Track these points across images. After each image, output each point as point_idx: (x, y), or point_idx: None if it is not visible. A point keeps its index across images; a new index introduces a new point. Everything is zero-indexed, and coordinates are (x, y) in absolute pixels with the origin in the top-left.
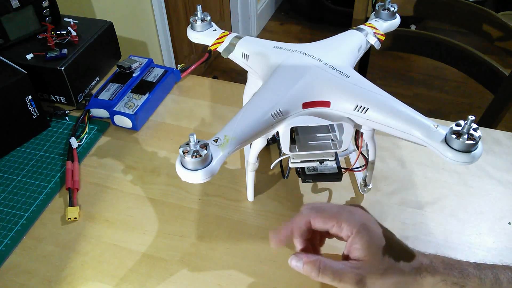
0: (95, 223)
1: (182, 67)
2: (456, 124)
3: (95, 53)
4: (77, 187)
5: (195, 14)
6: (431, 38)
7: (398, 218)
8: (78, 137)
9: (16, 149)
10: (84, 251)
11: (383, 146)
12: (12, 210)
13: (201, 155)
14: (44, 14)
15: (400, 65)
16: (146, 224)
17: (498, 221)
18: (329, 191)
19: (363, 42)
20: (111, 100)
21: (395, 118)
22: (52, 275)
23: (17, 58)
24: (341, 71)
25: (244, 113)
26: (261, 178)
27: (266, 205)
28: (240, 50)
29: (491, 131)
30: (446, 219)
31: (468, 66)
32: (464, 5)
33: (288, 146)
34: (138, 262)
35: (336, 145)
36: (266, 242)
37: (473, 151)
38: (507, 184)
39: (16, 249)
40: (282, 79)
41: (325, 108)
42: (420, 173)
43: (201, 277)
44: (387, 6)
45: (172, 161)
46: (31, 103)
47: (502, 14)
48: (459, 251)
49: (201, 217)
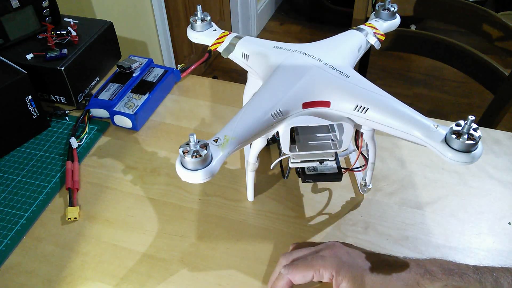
0: (95, 223)
1: (182, 67)
2: (456, 124)
3: (95, 53)
4: (77, 187)
5: (195, 14)
6: (431, 38)
7: (398, 218)
8: (78, 137)
9: (16, 149)
10: (84, 251)
11: (383, 146)
12: (12, 210)
13: (201, 155)
14: (44, 14)
15: (400, 65)
16: (146, 224)
17: (498, 221)
18: (329, 191)
19: (363, 42)
20: (111, 100)
21: (395, 118)
22: (52, 275)
23: (17, 58)
24: (341, 71)
25: (244, 113)
26: (261, 178)
27: (266, 205)
28: (240, 50)
29: (491, 131)
30: (446, 219)
31: (468, 66)
32: (464, 5)
33: (288, 146)
34: (138, 262)
35: (336, 145)
36: (266, 242)
37: (473, 151)
38: (507, 184)
39: (16, 249)
40: (282, 79)
41: (325, 108)
42: (420, 173)
43: (201, 277)
44: (387, 6)
45: (172, 161)
46: (31, 103)
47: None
48: (459, 251)
49: (201, 217)
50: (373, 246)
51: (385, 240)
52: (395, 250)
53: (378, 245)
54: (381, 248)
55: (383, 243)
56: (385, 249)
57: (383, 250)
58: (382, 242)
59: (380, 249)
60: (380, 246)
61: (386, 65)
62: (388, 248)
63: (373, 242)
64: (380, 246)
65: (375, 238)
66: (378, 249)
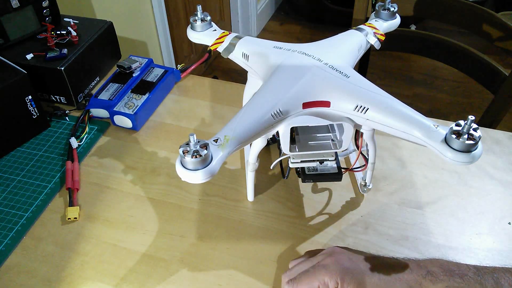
0: (95, 223)
1: (182, 67)
2: (456, 124)
3: (95, 53)
4: (77, 187)
5: (195, 14)
6: (431, 38)
7: (398, 218)
8: (78, 137)
9: (16, 149)
10: (84, 251)
11: (383, 146)
12: (12, 210)
13: (201, 155)
14: (44, 14)
15: (400, 65)
16: (146, 224)
17: (498, 221)
18: (329, 191)
19: (363, 42)
20: (111, 100)
21: (395, 118)
22: (52, 275)
23: (17, 58)
24: (341, 71)
25: (244, 113)
26: (261, 178)
27: (266, 205)
28: (240, 50)
29: (491, 131)
30: (446, 219)
31: (468, 66)
32: (464, 5)
33: (288, 146)
34: (138, 262)
35: (336, 145)
36: (266, 242)
37: (473, 151)
38: (507, 184)
39: (16, 249)
40: (282, 79)
41: (325, 108)
42: (420, 173)
43: (201, 277)
44: (387, 6)
45: (172, 161)
46: (31, 103)
47: (502, 14)
48: (459, 251)
49: (201, 217)
50: (373, 246)
51: (385, 240)
52: (395, 250)
53: (378, 245)
54: (381, 248)
55: (383, 243)
56: (385, 249)
57: (383, 250)
58: (382, 242)
59: (380, 249)
60: (380, 246)
61: (386, 65)
62: (388, 248)
63: (373, 242)
64: (380, 246)
65: (375, 238)
66: (378, 249)
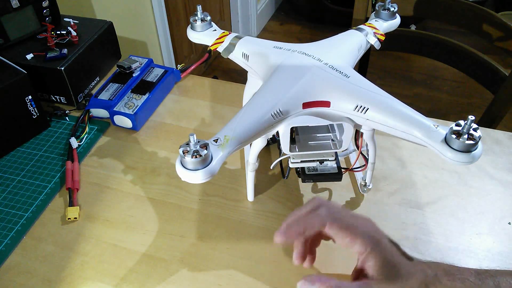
0: (95, 223)
1: (182, 67)
2: (456, 124)
3: (95, 53)
4: (77, 187)
5: (195, 14)
6: (431, 38)
7: (398, 218)
8: (78, 137)
9: (16, 149)
10: (84, 251)
11: (383, 146)
12: (12, 210)
13: (201, 155)
14: (44, 14)
15: (400, 65)
16: (146, 224)
17: (498, 221)
18: (329, 191)
19: (363, 42)
20: (111, 100)
21: (395, 118)
22: (52, 275)
23: (17, 58)
24: (341, 71)
25: (244, 113)
26: (261, 178)
27: (266, 205)
28: (240, 50)
29: (491, 131)
30: (446, 219)
31: (468, 66)
32: (464, 5)
33: (288, 146)
34: (138, 262)
35: (336, 145)
36: (266, 242)
37: (473, 151)
38: (507, 184)
39: (16, 249)
40: (282, 79)
41: (325, 108)
42: (420, 173)
43: (201, 277)
44: (387, 6)
45: (172, 161)
46: (31, 103)
47: (502, 14)
48: (459, 251)
49: (201, 217)
50: None
51: None
52: None
53: None
54: None
55: None
56: None
57: None
58: None
59: None
60: None
61: (386, 65)
62: None
63: None
64: None
65: None
66: None
